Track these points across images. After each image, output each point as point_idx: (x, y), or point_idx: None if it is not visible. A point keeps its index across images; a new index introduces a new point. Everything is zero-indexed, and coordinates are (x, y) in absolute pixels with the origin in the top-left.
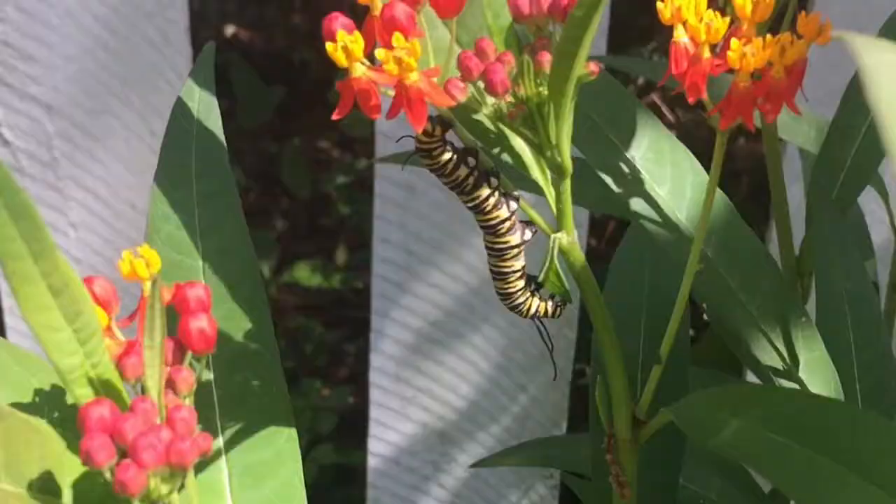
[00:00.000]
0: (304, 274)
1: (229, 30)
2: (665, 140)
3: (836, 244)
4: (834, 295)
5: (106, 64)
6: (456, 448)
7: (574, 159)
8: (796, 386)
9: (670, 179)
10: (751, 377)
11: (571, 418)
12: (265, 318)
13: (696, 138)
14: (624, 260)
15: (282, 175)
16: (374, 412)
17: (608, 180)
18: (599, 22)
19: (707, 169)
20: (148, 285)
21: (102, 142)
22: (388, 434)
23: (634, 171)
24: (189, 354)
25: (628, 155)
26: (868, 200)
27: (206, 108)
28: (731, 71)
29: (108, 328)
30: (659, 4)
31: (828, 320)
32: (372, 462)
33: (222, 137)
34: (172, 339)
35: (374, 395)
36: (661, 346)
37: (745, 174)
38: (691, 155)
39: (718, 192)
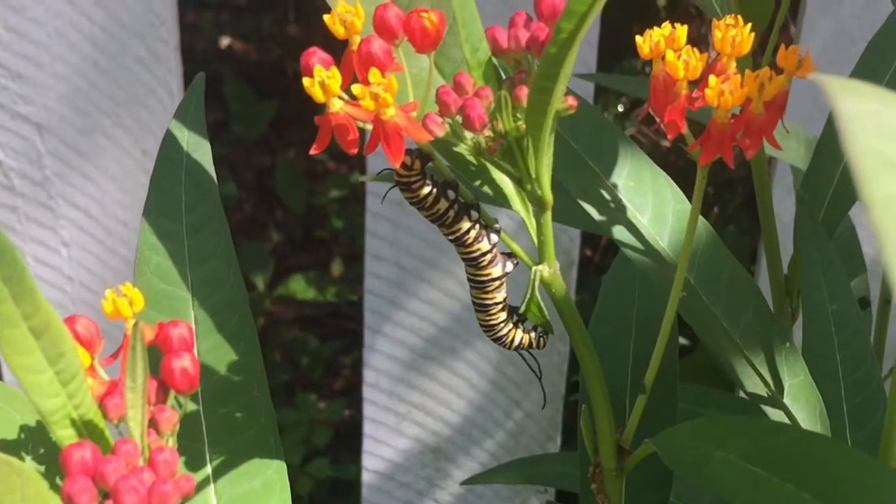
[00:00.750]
0: (299, 287)
1: (224, 41)
2: (646, 168)
3: (822, 266)
4: (820, 317)
5: (97, 83)
6: (450, 463)
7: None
8: (781, 412)
9: (651, 207)
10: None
11: (566, 432)
12: (253, 350)
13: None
14: (612, 285)
15: (276, 188)
16: (368, 428)
17: (590, 209)
18: (587, 35)
19: (689, 192)
20: (131, 324)
21: (94, 160)
22: (382, 450)
23: (616, 200)
24: (172, 393)
25: (610, 183)
26: (860, 213)
27: (196, 139)
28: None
29: (91, 367)
30: (638, 39)
31: (814, 342)
32: (366, 478)
33: (212, 169)
34: (155, 379)
35: (368, 410)
36: (646, 376)
37: (739, 183)
38: (672, 182)
39: (701, 219)
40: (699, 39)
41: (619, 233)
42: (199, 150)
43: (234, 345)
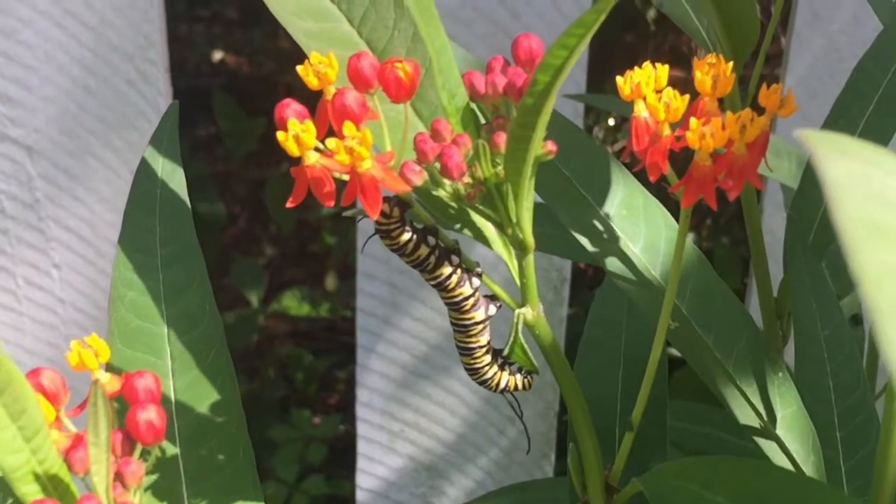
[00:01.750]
0: (293, 303)
1: (217, 55)
2: (638, 195)
3: (813, 291)
4: (812, 342)
5: (86, 105)
6: (444, 481)
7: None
8: (774, 444)
9: (644, 236)
10: None
11: (560, 450)
12: (231, 386)
13: None
14: (600, 314)
15: (267, 203)
16: (362, 446)
17: (582, 240)
18: None
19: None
20: (97, 376)
21: (84, 182)
22: (376, 468)
23: (608, 229)
24: (139, 446)
25: (602, 212)
26: None
27: (171, 170)
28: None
29: (58, 420)
30: (619, 80)
31: (807, 368)
32: (360, 496)
33: (186, 199)
34: (121, 431)
35: (362, 429)
36: (633, 413)
37: None
38: (665, 210)
39: (693, 247)
40: (690, 53)
41: (612, 264)
42: (174, 179)
43: (212, 381)
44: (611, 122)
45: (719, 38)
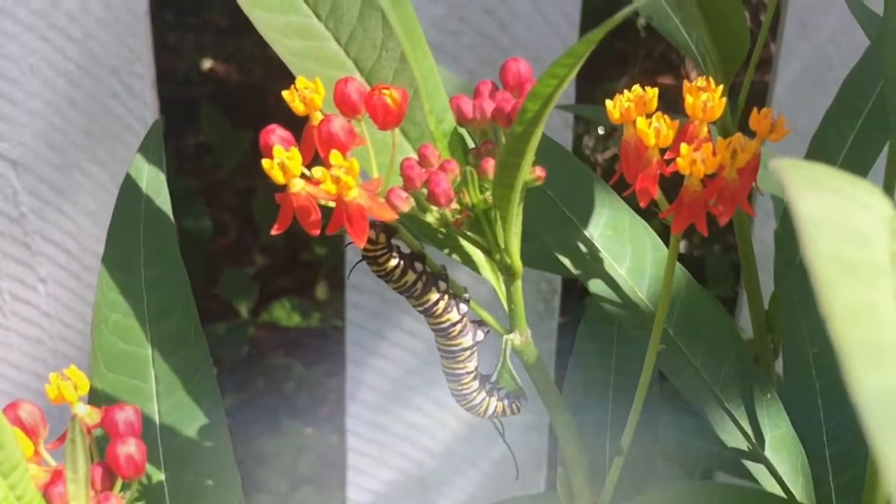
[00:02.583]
0: (283, 314)
1: (206, 63)
2: (624, 215)
3: (802, 309)
4: (801, 360)
5: (72, 119)
6: (435, 493)
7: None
8: (762, 466)
9: (630, 257)
10: None
11: (552, 459)
12: (217, 408)
13: None
14: (588, 336)
15: (256, 213)
16: (353, 459)
17: (566, 262)
18: None
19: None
20: (76, 408)
21: (70, 196)
22: (367, 481)
23: (593, 251)
24: (119, 480)
25: (587, 233)
26: None
27: (155, 188)
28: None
29: (36, 454)
30: (608, 103)
31: (795, 386)
32: None
33: (171, 218)
34: (101, 465)
35: (352, 441)
36: (623, 437)
37: None
38: (651, 230)
39: (681, 268)
40: (680, 61)
41: (596, 286)
42: (159, 198)
43: (198, 403)
44: (600, 130)
45: (708, 51)
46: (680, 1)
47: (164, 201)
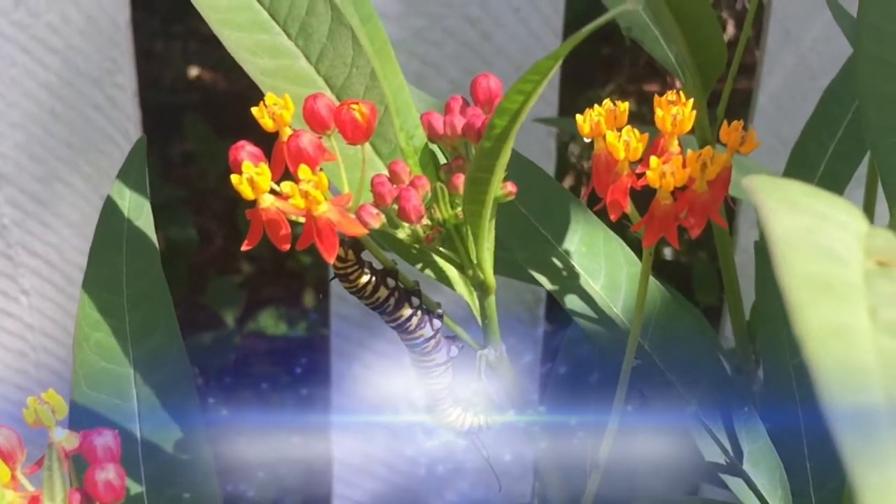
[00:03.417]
0: (270, 322)
1: (193, 71)
2: (599, 231)
3: (781, 319)
4: (781, 371)
5: (53, 130)
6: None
7: None
8: (741, 480)
9: (605, 273)
10: None
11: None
12: (198, 422)
13: None
14: (569, 352)
15: (240, 222)
16: (339, 470)
17: (541, 278)
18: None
19: None
20: (54, 433)
21: (52, 208)
22: (352, 492)
23: (568, 267)
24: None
25: (561, 250)
26: None
27: (138, 206)
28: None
29: (13, 479)
30: (578, 118)
31: (775, 397)
32: None
33: (154, 237)
34: (79, 491)
35: (338, 452)
36: (600, 451)
37: None
38: (625, 246)
39: (655, 283)
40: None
41: (572, 301)
42: (141, 216)
43: (179, 422)
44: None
45: (687, 63)
46: (657, 14)
47: (146, 220)
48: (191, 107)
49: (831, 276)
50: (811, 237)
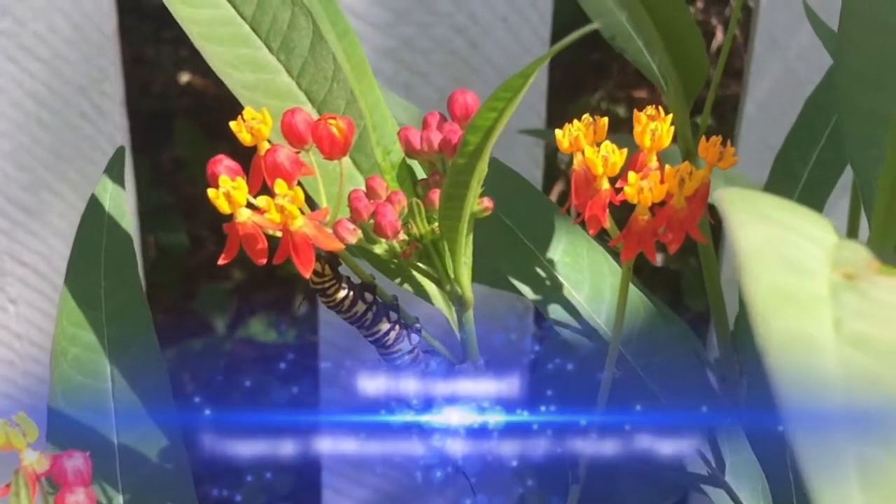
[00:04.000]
0: (260, 329)
1: (184, 77)
2: (582, 242)
3: None
4: (762, 382)
5: (41, 139)
6: None
7: None
8: (723, 491)
9: (588, 284)
10: None
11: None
12: (178, 441)
13: None
14: (554, 358)
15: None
16: (328, 478)
17: (524, 289)
18: (535, 83)
19: None
20: (24, 456)
21: (39, 217)
22: (340, 500)
23: (552, 277)
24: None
25: (545, 260)
26: None
27: (116, 219)
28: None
29: None
30: (557, 133)
31: (757, 408)
32: None
33: (133, 250)
34: None
35: (327, 460)
36: (579, 465)
37: None
38: (609, 256)
39: (638, 293)
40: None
41: (555, 312)
42: (120, 229)
43: (157, 437)
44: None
45: (669, 74)
46: (639, 26)
47: (125, 234)
48: (181, 112)
49: (797, 288)
50: (778, 249)
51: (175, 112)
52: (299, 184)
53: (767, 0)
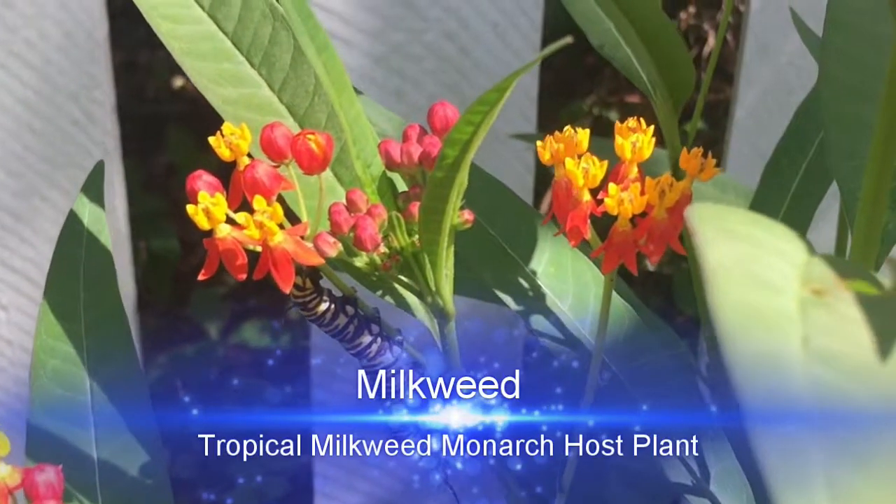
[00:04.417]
0: (253, 335)
1: (177, 82)
2: (566, 252)
3: None
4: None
5: (31, 145)
6: None
7: None
8: (707, 501)
9: (572, 294)
10: None
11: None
12: (158, 453)
13: None
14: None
15: None
16: (320, 483)
17: (507, 299)
18: (526, 88)
19: None
20: None
21: (31, 223)
22: None
23: (535, 288)
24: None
25: (528, 271)
26: None
27: (96, 231)
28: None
29: None
30: (538, 145)
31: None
32: None
33: (112, 262)
34: None
35: (319, 466)
36: (564, 475)
37: None
38: (594, 267)
39: (623, 303)
40: None
41: (538, 322)
42: (99, 241)
43: (137, 450)
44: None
45: (658, 84)
46: (626, 38)
47: (104, 246)
48: (174, 117)
49: (764, 305)
50: (745, 266)
51: (168, 117)
52: (280, 197)
53: (757, 5)
